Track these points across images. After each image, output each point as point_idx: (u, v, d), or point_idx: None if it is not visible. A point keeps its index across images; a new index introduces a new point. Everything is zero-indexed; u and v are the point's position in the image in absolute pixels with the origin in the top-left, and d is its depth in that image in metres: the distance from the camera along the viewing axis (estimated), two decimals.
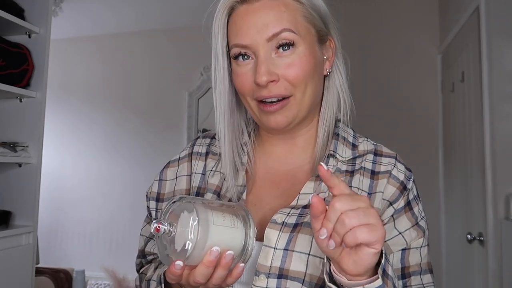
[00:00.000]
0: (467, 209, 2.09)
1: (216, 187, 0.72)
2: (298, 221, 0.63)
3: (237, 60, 0.65)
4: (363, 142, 0.73)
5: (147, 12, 3.42)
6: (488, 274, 1.72)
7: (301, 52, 0.63)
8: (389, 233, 0.65)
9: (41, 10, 2.05)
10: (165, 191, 0.77)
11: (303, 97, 0.65)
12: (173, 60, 3.68)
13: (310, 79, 0.64)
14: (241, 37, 0.63)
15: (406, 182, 0.67)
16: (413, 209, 0.67)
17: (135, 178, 3.68)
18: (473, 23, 1.94)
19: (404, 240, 0.65)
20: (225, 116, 0.70)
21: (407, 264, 0.65)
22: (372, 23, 2.89)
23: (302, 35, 0.63)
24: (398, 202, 0.66)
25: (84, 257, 3.72)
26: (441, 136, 2.68)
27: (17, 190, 1.99)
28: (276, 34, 0.61)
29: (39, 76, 2.02)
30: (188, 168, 0.77)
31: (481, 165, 1.82)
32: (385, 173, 0.67)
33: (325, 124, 0.70)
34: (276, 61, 0.63)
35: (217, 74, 0.68)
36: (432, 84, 2.74)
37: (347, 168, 0.69)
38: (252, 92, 0.64)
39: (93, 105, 3.92)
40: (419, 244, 0.66)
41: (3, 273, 1.79)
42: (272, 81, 0.62)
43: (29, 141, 1.99)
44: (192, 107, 3.62)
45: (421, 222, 0.67)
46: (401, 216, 0.66)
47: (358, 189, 0.66)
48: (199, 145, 0.79)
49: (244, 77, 0.65)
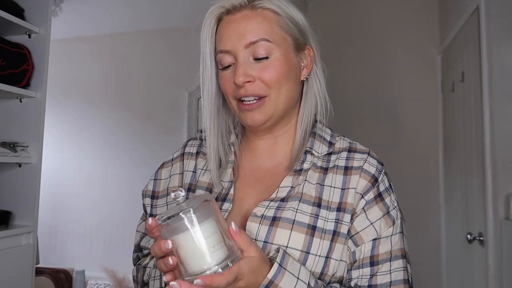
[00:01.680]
0: (467, 209, 2.09)
1: (208, 185, 0.78)
2: (276, 214, 0.69)
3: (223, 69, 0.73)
4: (340, 140, 0.79)
5: (146, 12, 3.42)
6: (488, 274, 1.72)
7: (276, 57, 0.70)
8: (361, 223, 0.70)
9: (41, 10, 2.04)
10: (159, 189, 0.83)
11: (278, 97, 0.71)
12: (173, 60, 3.68)
13: (284, 82, 0.71)
14: (224, 43, 0.71)
15: (377, 175, 0.73)
16: (385, 199, 0.72)
17: (135, 178, 3.68)
18: (473, 23, 1.94)
19: (374, 230, 0.70)
20: (211, 114, 0.77)
21: (377, 253, 0.69)
22: (372, 23, 2.89)
23: (278, 43, 0.71)
24: (369, 193, 0.71)
25: (84, 257, 3.72)
26: (441, 136, 2.68)
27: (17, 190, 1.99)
28: (253, 42, 0.69)
29: (39, 76, 2.02)
30: (180, 167, 0.83)
31: (481, 165, 1.82)
32: (357, 168, 0.73)
33: (302, 124, 0.76)
34: (253, 64, 0.70)
35: (205, 77, 0.75)
36: (432, 84, 2.74)
37: (322, 164, 0.75)
38: (233, 92, 0.72)
39: (93, 105, 3.92)
40: (389, 233, 0.70)
41: (3, 273, 1.79)
42: (248, 81, 0.69)
43: (29, 141, 1.99)
44: (192, 107, 3.62)
45: (392, 212, 0.72)
46: (373, 207, 0.71)
47: (330, 187, 0.72)
48: (190, 146, 0.86)
49: (226, 78, 0.72)
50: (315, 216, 0.69)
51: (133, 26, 3.71)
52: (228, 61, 0.72)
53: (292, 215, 0.69)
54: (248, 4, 0.71)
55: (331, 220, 0.69)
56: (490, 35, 1.75)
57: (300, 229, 0.68)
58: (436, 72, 2.74)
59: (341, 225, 0.69)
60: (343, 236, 0.69)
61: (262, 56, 0.70)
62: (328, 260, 0.67)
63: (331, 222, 0.69)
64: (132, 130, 3.78)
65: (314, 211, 0.70)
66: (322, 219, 0.69)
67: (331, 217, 0.69)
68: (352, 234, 0.70)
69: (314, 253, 0.67)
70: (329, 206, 0.70)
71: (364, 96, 2.79)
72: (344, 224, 0.69)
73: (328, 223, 0.69)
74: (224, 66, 0.72)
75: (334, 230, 0.69)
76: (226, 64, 0.72)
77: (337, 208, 0.70)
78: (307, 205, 0.70)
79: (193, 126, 3.62)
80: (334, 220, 0.69)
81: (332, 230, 0.69)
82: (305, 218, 0.69)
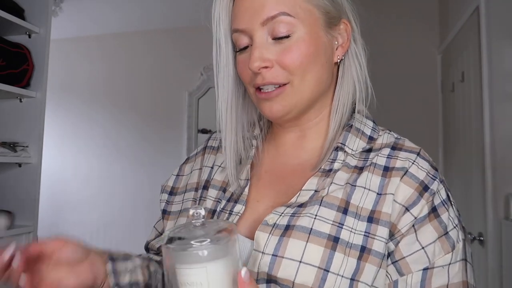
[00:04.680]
0: (467, 209, 2.09)
1: (222, 183, 0.68)
2: (290, 223, 0.56)
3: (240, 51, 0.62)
4: (384, 135, 0.65)
5: (146, 12, 3.42)
6: (488, 274, 1.71)
7: (300, 36, 0.58)
8: (409, 247, 0.54)
9: (41, 10, 2.05)
10: (179, 185, 0.76)
11: (302, 84, 0.59)
12: (173, 60, 3.68)
13: (310, 66, 0.59)
14: (239, 21, 0.60)
15: (429, 182, 0.56)
16: (441, 216, 0.55)
17: (135, 178, 3.68)
18: (473, 23, 1.94)
19: (426, 256, 0.54)
20: (228, 105, 0.65)
21: (428, 287, 0.53)
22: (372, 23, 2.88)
23: (302, 18, 0.58)
24: (419, 207, 0.55)
25: None
26: (441, 136, 2.68)
27: (17, 190, 1.99)
28: (271, 17, 0.57)
29: (39, 76, 2.02)
30: (201, 161, 0.75)
31: (481, 165, 1.82)
32: (400, 170, 0.58)
33: (337, 115, 0.63)
34: (272, 46, 0.58)
35: (219, 61, 0.64)
36: (432, 84, 2.74)
37: (357, 163, 0.61)
38: (249, 79, 0.61)
39: (93, 105, 3.92)
40: (446, 261, 0.54)
41: None
42: (265, 67, 0.58)
43: (29, 141, 1.99)
44: (192, 107, 3.62)
45: (451, 233, 0.55)
46: (425, 225, 0.55)
47: (364, 189, 0.57)
48: (213, 139, 0.77)
49: (243, 63, 0.61)
50: (338, 225, 0.55)
51: (133, 26, 3.71)
52: (244, 42, 0.60)
53: (309, 222, 0.55)
54: None
55: (359, 233, 0.55)
56: (490, 35, 1.75)
57: (318, 240, 0.54)
58: (436, 72, 2.74)
59: (373, 241, 0.54)
60: (376, 256, 0.54)
61: (283, 35, 0.57)
62: (355, 284, 0.53)
63: (359, 235, 0.54)
64: (132, 130, 3.78)
65: (338, 218, 0.55)
66: (348, 230, 0.55)
67: (360, 229, 0.55)
68: (396, 260, 0.55)
69: (335, 272, 0.53)
70: (358, 213, 0.56)
71: None
72: (377, 239, 0.54)
73: (355, 236, 0.54)
74: (240, 47, 0.61)
75: (363, 245, 0.54)
76: (242, 45, 0.60)
77: (368, 217, 0.55)
78: (329, 209, 0.56)
79: (193, 126, 3.62)
80: (363, 233, 0.55)
81: (359, 245, 0.54)
82: (325, 227, 0.55)
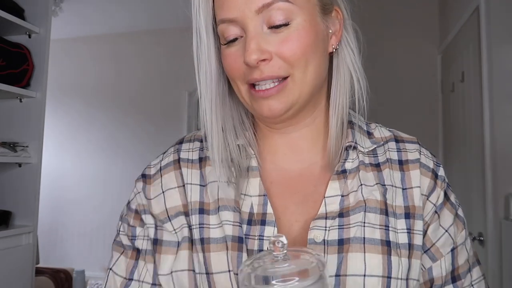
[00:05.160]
0: (467, 209, 2.09)
1: (235, 203, 0.56)
2: (341, 236, 0.52)
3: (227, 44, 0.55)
4: (377, 129, 0.63)
5: (147, 12, 3.42)
6: (488, 274, 1.72)
7: (299, 24, 0.52)
8: (435, 233, 0.56)
9: (41, 10, 2.05)
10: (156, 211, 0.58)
11: (304, 77, 0.53)
12: (173, 61, 3.68)
13: (311, 56, 0.53)
14: (227, 9, 0.52)
15: (437, 170, 0.60)
16: (450, 198, 0.59)
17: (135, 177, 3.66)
18: (473, 23, 1.94)
19: (451, 238, 0.57)
20: (212, 105, 0.56)
21: (457, 265, 0.57)
22: (372, 23, 2.88)
23: (300, 4, 0.52)
24: (436, 194, 0.58)
25: (84, 257, 3.72)
26: (441, 136, 2.68)
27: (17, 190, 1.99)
28: (267, 4, 0.50)
29: (39, 76, 2.02)
30: (177, 178, 0.59)
31: (481, 165, 1.82)
32: (415, 162, 0.58)
33: (337, 109, 0.58)
34: (269, 36, 0.52)
35: (200, 55, 0.56)
36: (432, 84, 2.74)
37: (370, 160, 0.58)
38: (243, 75, 0.53)
39: (93, 105, 3.92)
40: (463, 238, 0.58)
41: (3, 273, 1.79)
42: (263, 60, 0.51)
43: (29, 141, 1.99)
44: (192, 107, 3.62)
45: (459, 212, 0.60)
46: (443, 210, 0.58)
47: (392, 187, 0.57)
48: (187, 150, 0.62)
49: (232, 57, 0.54)
50: (385, 228, 0.54)
51: (134, 26, 3.71)
52: (234, 33, 0.53)
53: (360, 232, 0.53)
54: None
55: (402, 231, 0.54)
56: (490, 35, 1.75)
57: (374, 248, 0.52)
58: (436, 72, 2.74)
59: (414, 236, 0.55)
60: (418, 249, 0.55)
61: (281, 23, 0.51)
62: (409, 283, 0.53)
63: (402, 234, 0.54)
64: (132, 130, 3.78)
65: (383, 221, 0.54)
66: (393, 231, 0.54)
67: (401, 227, 0.55)
68: (428, 248, 0.56)
69: (396, 276, 0.52)
70: (395, 212, 0.55)
71: None
72: (416, 233, 0.55)
73: (399, 235, 0.54)
74: (228, 40, 0.54)
75: (409, 243, 0.54)
76: (231, 37, 0.53)
77: (405, 214, 0.55)
78: (374, 214, 0.54)
79: (193, 126, 3.62)
80: (405, 231, 0.55)
81: (406, 243, 0.54)
82: (376, 233, 0.53)
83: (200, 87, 0.57)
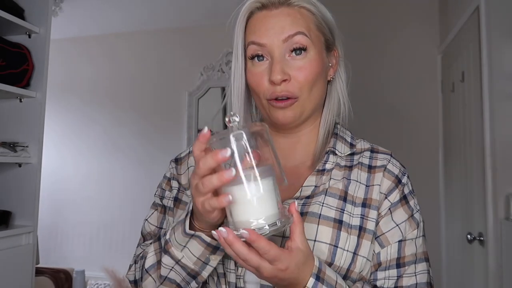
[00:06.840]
0: (467, 209, 2.09)
1: None
2: (302, 210, 0.69)
3: (253, 60, 0.71)
4: (360, 142, 0.80)
5: (147, 12, 3.42)
6: (488, 274, 1.72)
7: (312, 56, 0.70)
8: (387, 225, 0.70)
9: (41, 10, 2.05)
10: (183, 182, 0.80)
11: (309, 98, 0.71)
12: (173, 60, 3.68)
13: (316, 82, 0.71)
14: (260, 36, 0.70)
15: (401, 177, 0.74)
16: (409, 202, 0.73)
17: (135, 178, 3.68)
18: (473, 23, 1.94)
19: (400, 232, 0.70)
20: (241, 112, 0.76)
21: (403, 255, 0.70)
22: (372, 23, 2.88)
23: (314, 41, 0.70)
24: (394, 195, 0.72)
25: (84, 257, 3.72)
26: (441, 136, 2.68)
27: (17, 190, 1.99)
28: (291, 35, 0.68)
29: (39, 76, 2.02)
30: None
31: (481, 165, 1.82)
32: (381, 167, 0.74)
33: (326, 124, 0.77)
34: (289, 62, 0.69)
35: (236, 72, 0.74)
36: (432, 84, 2.74)
37: (346, 163, 0.75)
38: (265, 90, 0.70)
39: (93, 105, 3.92)
40: (414, 235, 0.71)
41: (3, 273, 1.79)
42: (285, 80, 0.68)
43: (29, 141, 1.99)
44: (192, 107, 3.62)
45: (416, 215, 0.73)
46: (398, 209, 0.71)
47: (356, 182, 0.72)
48: None
49: (259, 76, 0.71)
50: (340, 211, 0.69)
51: (134, 26, 3.71)
52: (260, 53, 0.70)
53: (318, 209, 0.69)
54: (285, 2, 0.71)
55: (357, 216, 0.69)
56: (490, 35, 1.75)
57: (327, 222, 0.68)
58: (436, 72, 2.74)
59: (367, 221, 0.69)
60: (369, 233, 0.69)
61: (301, 46, 0.69)
62: (356, 257, 0.67)
63: (356, 218, 0.69)
64: (132, 130, 3.78)
65: (340, 205, 0.69)
66: (348, 214, 0.69)
67: (356, 213, 0.70)
68: (378, 235, 0.70)
69: (342, 247, 0.67)
70: (354, 201, 0.70)
71: (363, 97, 2.79)
72: (369, 220, 0.70)
73: (353, 219, 0.69)
74: (253, 55, 0.71)
75: (360, 225, 0.69)
76: (256, 53, 0.70)
77: (362, 203, 0.71)
78: (333, 198, 0.70)
79: (193, 126, 3.61)
80: (359, 216, 0.69)
81: (358, 225, 0.69)
82: (331, 212, 0.69)
83: (233, 98, 0.75)
